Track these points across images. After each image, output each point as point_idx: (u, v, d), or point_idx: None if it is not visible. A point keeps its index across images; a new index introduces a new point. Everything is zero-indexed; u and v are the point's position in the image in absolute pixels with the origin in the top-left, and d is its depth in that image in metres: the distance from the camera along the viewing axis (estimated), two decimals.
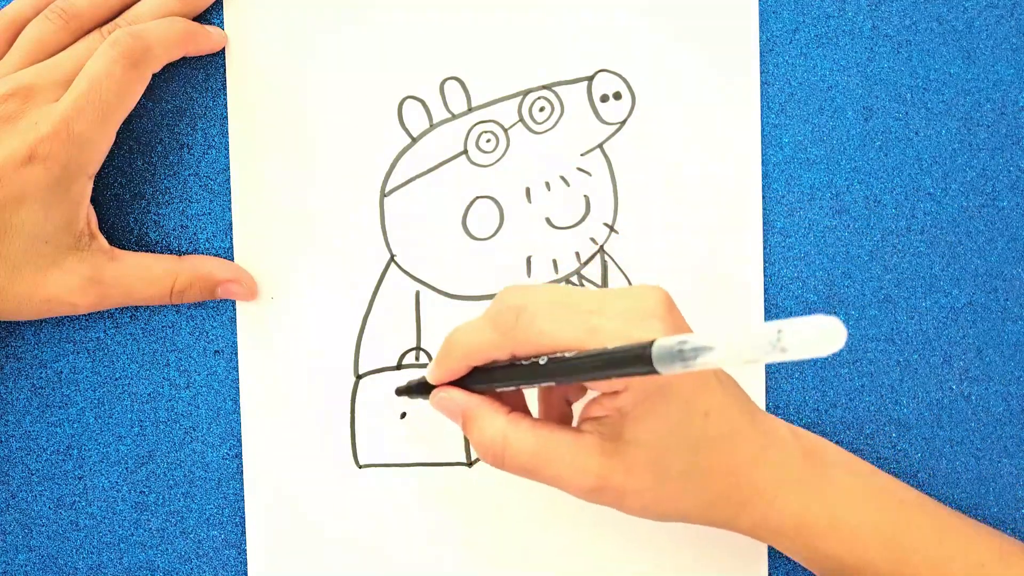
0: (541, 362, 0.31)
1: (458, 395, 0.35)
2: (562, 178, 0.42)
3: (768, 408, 0.42)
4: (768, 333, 0.23)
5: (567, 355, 0.31)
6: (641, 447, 0.32)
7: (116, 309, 0.42)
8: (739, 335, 0.24)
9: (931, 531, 0.36)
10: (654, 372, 0.26)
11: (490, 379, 0.34)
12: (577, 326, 0.31)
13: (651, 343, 0.26)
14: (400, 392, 0.39)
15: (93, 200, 0.40)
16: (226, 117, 0.41)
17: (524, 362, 0.32)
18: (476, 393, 0.35)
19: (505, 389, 0.34)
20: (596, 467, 0.33)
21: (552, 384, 0.32)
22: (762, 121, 0.42)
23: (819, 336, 0.23)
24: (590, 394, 0.36)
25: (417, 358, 0.42)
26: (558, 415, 0.37)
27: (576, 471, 0.33)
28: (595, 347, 0.30)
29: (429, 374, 0.36)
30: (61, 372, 0.42)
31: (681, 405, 0.32)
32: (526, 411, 0.36)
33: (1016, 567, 0.36)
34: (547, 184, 0.42)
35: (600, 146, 0.42)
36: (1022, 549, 0.37)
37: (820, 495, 0.35)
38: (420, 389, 0.37)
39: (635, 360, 0.27)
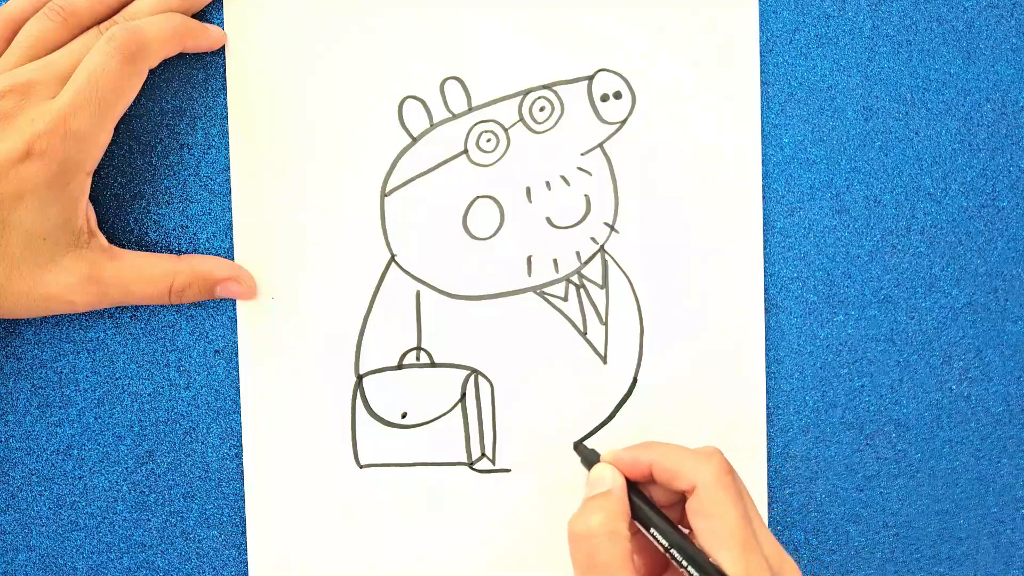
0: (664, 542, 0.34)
1: (611, 473, 0.36)
2: (562, 178, 0.42)
3: (768, 408, 0.42)
4: None
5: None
6: None
7: (116, 309, 0.42)
8: None
9: None
10: None
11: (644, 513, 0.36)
12: None
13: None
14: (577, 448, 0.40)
15: (93, 199, 0.40)
16: (226, 117, 0.41)
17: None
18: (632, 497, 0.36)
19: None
20: None
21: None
22: (762, 121, 0.42)
23: None
24: None
25: (418, 358, 0.42)
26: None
27: None
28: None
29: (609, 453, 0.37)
30: (61, 372, 0.42)
31: None
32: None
33: None
34: (547, 184, 0.42)
35: (600, 145, 0.42)
36: None
37: None
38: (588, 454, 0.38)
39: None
